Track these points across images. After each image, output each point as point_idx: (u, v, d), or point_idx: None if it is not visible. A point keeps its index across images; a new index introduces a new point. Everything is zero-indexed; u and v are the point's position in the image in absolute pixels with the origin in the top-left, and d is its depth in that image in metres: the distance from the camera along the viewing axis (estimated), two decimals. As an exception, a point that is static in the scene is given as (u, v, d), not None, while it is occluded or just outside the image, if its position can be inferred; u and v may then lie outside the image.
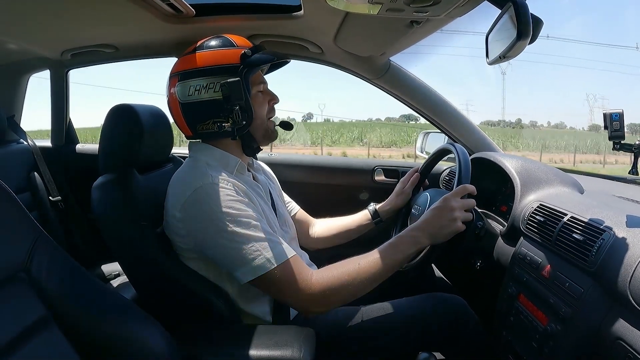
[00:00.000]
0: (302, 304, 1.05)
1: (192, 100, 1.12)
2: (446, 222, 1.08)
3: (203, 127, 1.15)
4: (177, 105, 1.15)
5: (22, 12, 1.33)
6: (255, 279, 1.02)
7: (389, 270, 1.08)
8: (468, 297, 1.35)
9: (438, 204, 1.12)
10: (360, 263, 1.07)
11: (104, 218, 1.15)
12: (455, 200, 1.10)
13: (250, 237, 1.02)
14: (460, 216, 1.09)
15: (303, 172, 2.15)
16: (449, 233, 1.09)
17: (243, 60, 1.11)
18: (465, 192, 1.12)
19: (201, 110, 1.13)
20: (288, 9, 1.40)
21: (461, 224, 1.09)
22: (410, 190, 1.49)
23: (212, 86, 1.10)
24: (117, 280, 1.86)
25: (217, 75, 1.10)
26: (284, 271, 1.02)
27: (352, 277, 1.05)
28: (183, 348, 0.96)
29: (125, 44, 1.74)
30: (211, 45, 1.14)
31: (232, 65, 1.11)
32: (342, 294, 1.05)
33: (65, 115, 2.24)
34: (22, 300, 0.79)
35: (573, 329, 0.92)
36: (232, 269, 1.05)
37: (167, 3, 1.25)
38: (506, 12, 0.90)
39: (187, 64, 1.14)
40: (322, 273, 1.06)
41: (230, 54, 1.12)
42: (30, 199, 2.05)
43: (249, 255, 1.01)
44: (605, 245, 0.90)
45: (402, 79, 1.81)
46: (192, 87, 1.11)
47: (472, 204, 1.12)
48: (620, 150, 1.02)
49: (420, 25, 1.18)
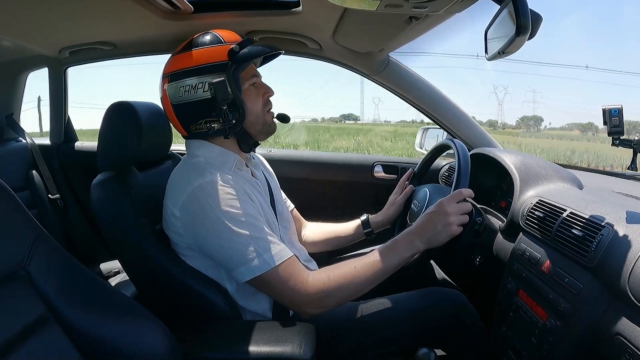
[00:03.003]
0: (297, 305, 1.06)
1: (183, 102, 1.12)
2: (441, 227, 1.08)
3: (196, 127, 1.15)
4: (169, 107, 1.15)
5: (20, 10, 1.32)
6: (253, 279, 1.03)
7: (384, 274, 1.08)
8: (467, 292, 1.35)
9: (433, 209, 1.11)
10: (357, 266, 1.07)
11: (103, 215, 1.15)
12: (450, 205, 1.09)
13: (249, 237, 1.02)
14: (456, 221, 1.08)
15: (302, 168, 2.15)
16: (444, 238, 1.08)
17: (231, 56, 1.10)
18: (461, 196, 1.11)
19: (193, 111, 1.12)
20: (286, 5, 1.39)
21: (456, 228, 1.09)
22: (402, 201, 1.49)
23: (202, 86, 1.09)
24: (117, 278, 1.87)
25: (206, 74, 1.09)
26: (280, 272, 1.02)
27: (348, 280, 1.05)
28: (183, 345, 0.96)
29: (124, 41, 1.73)
30: (199, 43, 1.12)
31: (220, 63, 1.10)
32: (338, 297, 1.06)
33: (64, 113, 2.24)
34: (21, 299, 0.79)
35: (572, 325, 0.92)
36: (230, 268, 1.05)
37: (166, 0, 1.24)
38: (505, 7, 0.90)
39: (176, 64, 1.13)
40: (318, 275, 1.06)
41: (218, 51, 1.11)
42: (29, 197, 2.05)
43: (247, 255, 1.01)
44: (605, 241, 0.90)
45: (400, 75, 1.81)
46: (182, 88, 1.11)
47: (467, 208, 1.11)
48: (620, 146, 1.02)
49: (419, 21, 1.17)
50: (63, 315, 0.82)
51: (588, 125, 69.71)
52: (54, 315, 0.81)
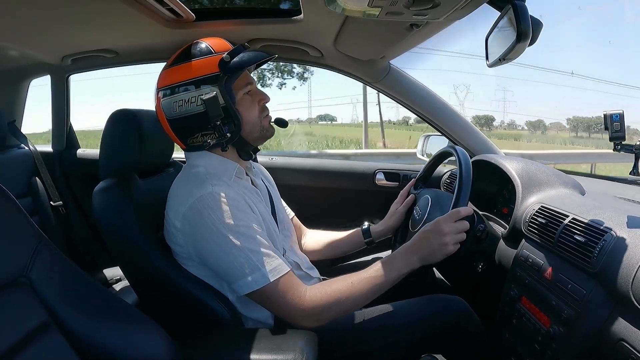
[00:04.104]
0: (294, 318, 1.06)
1: (177, 116, 1.11)
2: (437, 247, 1.09)
3: (193, 140, 1.14)
4: (165, 121, 1.14)
5: (23, 18, 1.33)
6: (251, 292, 1.03)
7: (381, 289, 1.09)
8: (470, 299, 1.34)
9: (430, 227, 1.12)
10: (353, 282, 1.08)
11: (105, 223, 1.15)
12: (447, 224, 1.10)
13: (248, 250, 1.03)
14: (452, 241, 1.09)
15: (304, 176, 2.15)
16: (440, 256, 1.10)
17: (222, 67, 1.08)
18: (458, 216, 1.11)
19: (188, 125, 1.12)
20: (288, 13, 1.40)
21: (453, 247, 1.09)
22: (403, 210, 1.49)
23: (195, 100, 1.08)
24: (119, 285, 1.87)
25: (198, 88, 1.08)
26: (278, 287, 1.03)
27: (345, 296, 1.06)
28: (185, 352, 0.96)
29: (126, 49, 1.74)
30: (189, 55, 1.11)
31: (211, 76, 1.08)
32: (334, 311, 1.07)
33: (66, 120, 2.24)
34: (23, 305, 0.79)
35: (576, 331, 0.92)
36: (229, 280, 1.06)
37: (168, 8, 1.25)
38: (505, 14, 0.90)
39: (169, 78, 1.12)
40: (315, 290, 1.07)
41: (209, 63, 1.09)
42: (31, 204, 2.05)
43: (245, 269, 1.02)
44: (607, 246, 0.90)
45: (402, 82, 1.81)
46: (176, 103, 1.10)
47: (465, 227, 1.12)
48: (621, 151, 1.02)
49: (420, 28, 1.18)
50: (64, 322, 0.82)
51: (537, 123, 73.92)
52: (55, 322, 0.81)
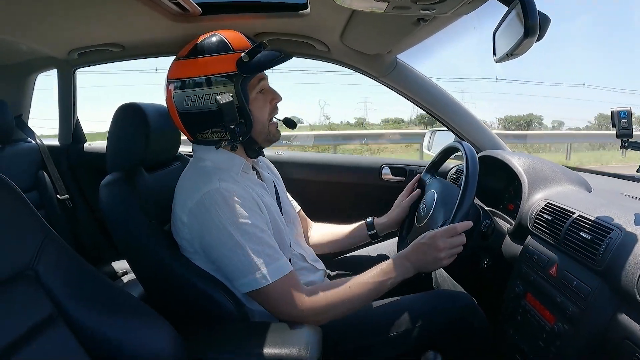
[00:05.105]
0: (292, 319, 1.07)
1: (189, 111, 1.10)
2: (431, 260, 1.12)
3: (202, 135, 1.14)
4: (175, 113, 1.14)
5: (29, 12, 1.34)
6: (251, 291, 1.05)
7: (377, 294, 1.12)
8: (474, 295, 1.34)
9: (425, 241, 1.12)
10: (352, 286, 1.09)
11: (112, 216, 1.16)
12: (442, 240, 1.10)
13: (252, 249, 1.03)
14: (446, 256, 1.11)
15: (310, 170, 2.15)
16: (434, 268, 1.16)
17: (240, 67, 1.07)
18: (454, 232, 1.12)
19: (199, 120, 1.11)
20: (294, 7, 1.40)
21: (447, 261, 1.12)
22: (408, 204, 1.49)
23: (208, 97, 1.07)
24: (125, 278, 1.87)
25: (213, 86, 1.07)
26: (278, 287, 1.04)
27: (343, 300, 1.08)
28: (190, 346, 0.96)
29: (132, 43, 1.74)
30: (205, 50, 1.09)
31: (227, 75, 1.07)
32: (331, 314, 1.09)
33: (73, 114, 2.25)
34: (29, 299, 0.79)
35: (580, 329, 0.92)
36: (231, 278, 1.07)
37: (174, 2, 1.25)
38: (513, 9, 0.89)
39: (183, 71, 1.10)
40: (315, 292, 1.08)
41: (226, 60, 1.07)
42: (38, 197, 2.07)
43: (248, 268, 1.03)
44: (613, 244, 0.89)
45: (409, 77, 1.80)
46: (189, 97, 1.09)
47: (461, 241, 1.12)
48: (629, 149, 1.01)
49: (427, 22, 1.17)
50: (70, 315, 0.83)
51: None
52: (61, 315, 0.82)
